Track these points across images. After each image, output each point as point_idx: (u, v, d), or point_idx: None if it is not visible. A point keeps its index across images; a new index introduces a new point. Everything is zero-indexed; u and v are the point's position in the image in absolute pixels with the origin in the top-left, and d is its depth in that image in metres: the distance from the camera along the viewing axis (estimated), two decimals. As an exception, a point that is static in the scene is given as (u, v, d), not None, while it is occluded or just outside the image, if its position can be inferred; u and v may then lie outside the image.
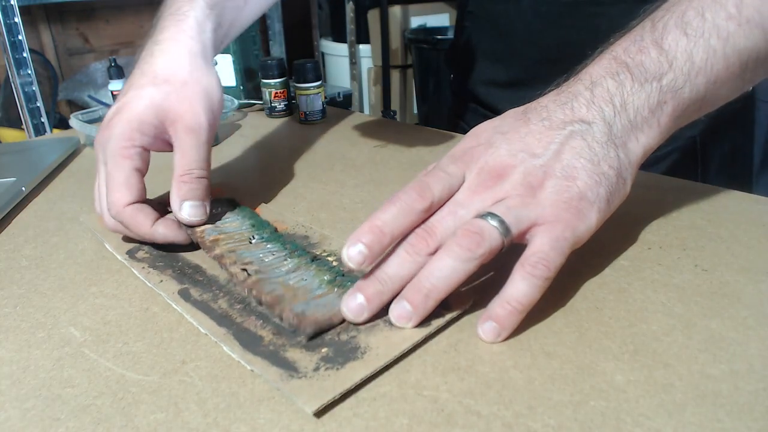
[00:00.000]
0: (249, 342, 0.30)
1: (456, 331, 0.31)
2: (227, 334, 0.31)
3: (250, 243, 0.39)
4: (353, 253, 0.31)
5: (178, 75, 0.43)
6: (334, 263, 0.37)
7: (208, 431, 0.25)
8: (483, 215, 0.31)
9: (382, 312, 0.31)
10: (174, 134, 0.42)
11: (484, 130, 0.37)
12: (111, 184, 0.40)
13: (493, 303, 0.30)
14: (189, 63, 0.44)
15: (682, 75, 0.35)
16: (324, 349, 0.29)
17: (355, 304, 0.31)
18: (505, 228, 0.31)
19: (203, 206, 0.40)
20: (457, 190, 0.34)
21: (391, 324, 0.31)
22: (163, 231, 0.40)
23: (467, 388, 0.27)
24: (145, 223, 0.39)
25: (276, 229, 0.42)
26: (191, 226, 0.40)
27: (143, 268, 0.38)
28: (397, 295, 0.31)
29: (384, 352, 0.29)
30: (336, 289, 0.34)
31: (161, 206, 0.42)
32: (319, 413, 0.26)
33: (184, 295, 0.35)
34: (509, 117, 0.37)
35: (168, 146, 0.43)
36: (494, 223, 0.31)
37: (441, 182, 0.34)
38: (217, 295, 0.35)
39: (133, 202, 0.39)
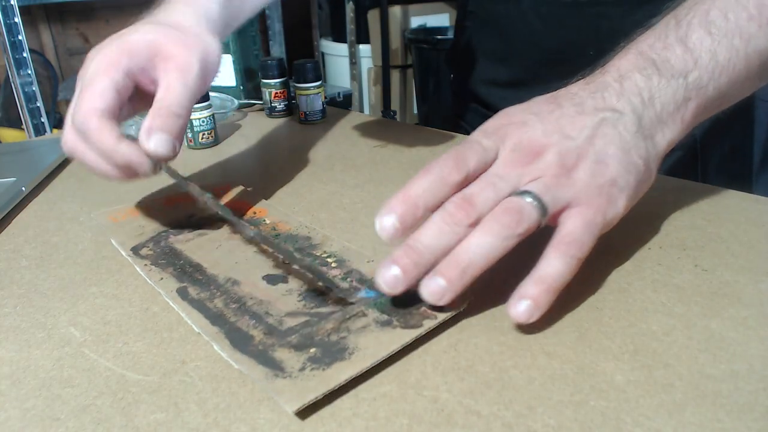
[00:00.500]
0: (239, 341, 0.30)
1: (456, 331, 0.31)
2: (219, 333, 0.31)
3: (205, 200, 0.41)
4: (387, 224, 0.30)
5: (178, 25, 0.42)
6: (333, 264, 0.37)
7: (208, 431, 0.25)
8: (521, 193, 0.31)
9: (375, 313, 0.31)
10: (163, 70, 0.40)
11: (514, 111, 0.36)
12: (84, 95, 0.38)
13: (525, 283, 0.30)
14: (192, 20, 0.43)
15: (706, 73, 0.35)
16: (312, 350, 0.29)
17: (390, 275, 0.30)
18: (542, 208, 0.31)
19: (172, 143, 0.38)
20: (491, 165, 0.34)
21: (382, 325, 0.31)
22: (127, 150, 0.37)
23: (467, 388, 0.27)
24: (109, 137, 0.37)
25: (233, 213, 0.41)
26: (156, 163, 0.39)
27: (145, 265, 0.39)
28: (431, 268, 0.30)
29: (371, 353, 0.28)
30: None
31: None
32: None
33: (182, 293, 0.35)
34: (539, 101, 0.37)
35: (152, 86, 0.41)
36: (534, 202, 0.31)
37: (477, 155, 0.33)
38: (214, 294, 0.35)
39: (104, 114, 0.37)
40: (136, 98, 0.42)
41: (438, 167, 0.32)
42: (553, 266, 0.30)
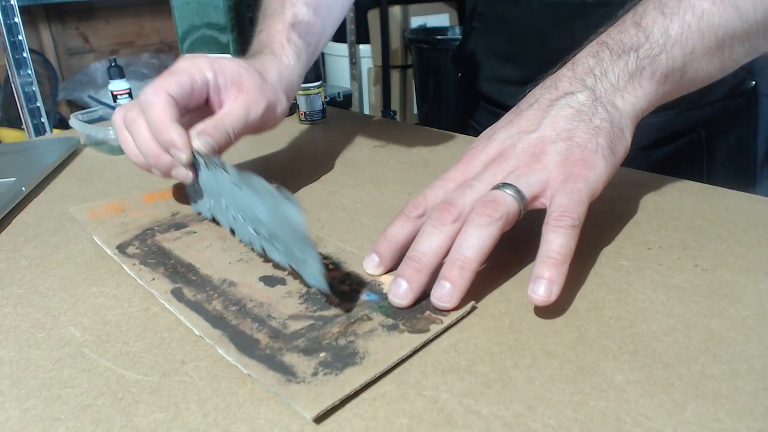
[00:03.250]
0: (245, 345, 0.30)
1: (456, 331, 0.31)
2: (222, 337, 0.30)
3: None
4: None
5: (263, 73, 0.47)
6: (330, 266, 0.37)
7: (208, 431, 0.25)
8: (496, 187, 0.34)
9: (380, 317, 0.32)
10: (234, 97, 0.44)
11: (483, 133, 0.41)
12: (163, 78, 0.41)
13: (535, 267, 0.31)
14: (274, 77, 0.48)
15: (657, 45, 0.38)
16: (322, 354, 0.29)
17: (400, 290, 0.32)
18: (518, 193, 0.33)
19: (212, 149, 0.42)
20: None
21: (388, 329, 0.30)
22: (177, 132, 0.40)
23: (467, 388, 0.27)
24: (168, 116, 0.40)
25: None
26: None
27: (134, 264, 0.38)
28: (435, 271, 0.32)
29: (383, 358, 0.28)
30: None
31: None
32: (318, 417, 0.26)
33: (177, 294, 0.34)
34: (505, 116, 0.40)
35: (215, 106, 0.45)
36: (508, 191, 0.33)
37: (434, 189, 0.37)
38: (211, 295, 0.34)
39: (172, 98, 0.41)
40: (196, 112, 0.45)
41: (403, 211, 0.36)
42: (552, 241, 0.31)
